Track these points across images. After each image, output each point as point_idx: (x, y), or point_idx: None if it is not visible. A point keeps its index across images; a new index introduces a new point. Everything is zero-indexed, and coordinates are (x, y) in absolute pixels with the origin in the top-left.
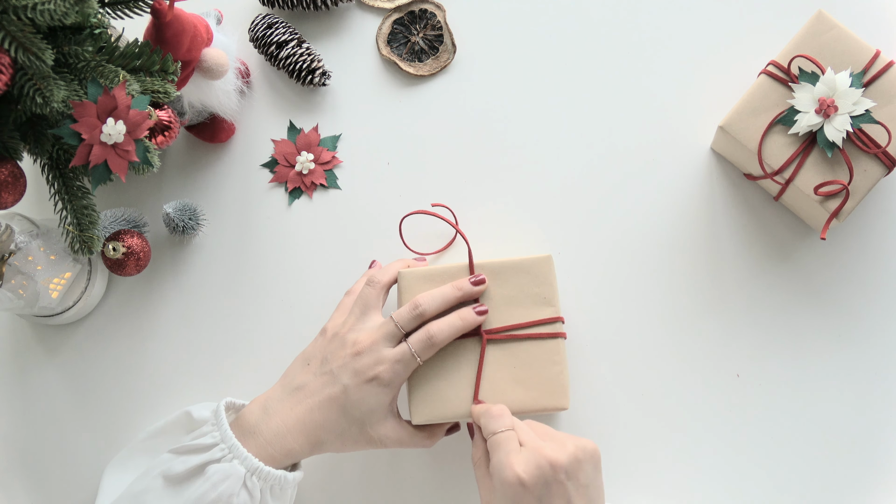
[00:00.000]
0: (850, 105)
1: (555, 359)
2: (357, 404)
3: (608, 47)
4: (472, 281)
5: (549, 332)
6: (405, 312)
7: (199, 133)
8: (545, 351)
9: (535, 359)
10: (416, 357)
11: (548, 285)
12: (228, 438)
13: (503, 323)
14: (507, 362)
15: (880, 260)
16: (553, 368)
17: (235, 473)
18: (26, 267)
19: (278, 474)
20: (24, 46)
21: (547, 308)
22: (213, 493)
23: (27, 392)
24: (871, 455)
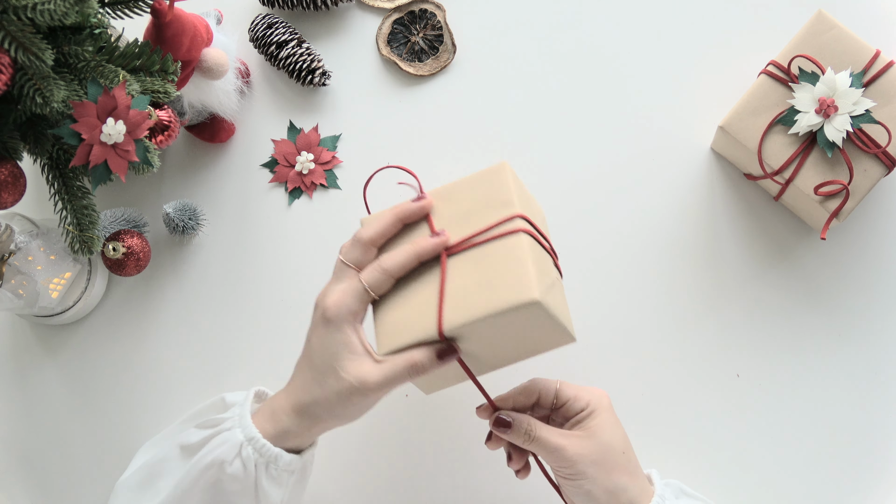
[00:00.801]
0: (850, 105)
1: (516, 254)
2: (320, 351)
3: (608, 47)
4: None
5: (509, 229)
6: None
7: (199, 133)
8: (506, 248)
9: (495, 259)
10: (367, 286)
11: (504, 190)
12: (243, 411)
13: (462, 236)
14: (469, 270)
15: (880, 260)
16: (513, 262)
17: (233, 440)
18: (26, 267)
19: (273, 451)
20: (24, 46)
21: (504, 209)
22: (209, 457)
23: (27, 392)
24: (871, 454)
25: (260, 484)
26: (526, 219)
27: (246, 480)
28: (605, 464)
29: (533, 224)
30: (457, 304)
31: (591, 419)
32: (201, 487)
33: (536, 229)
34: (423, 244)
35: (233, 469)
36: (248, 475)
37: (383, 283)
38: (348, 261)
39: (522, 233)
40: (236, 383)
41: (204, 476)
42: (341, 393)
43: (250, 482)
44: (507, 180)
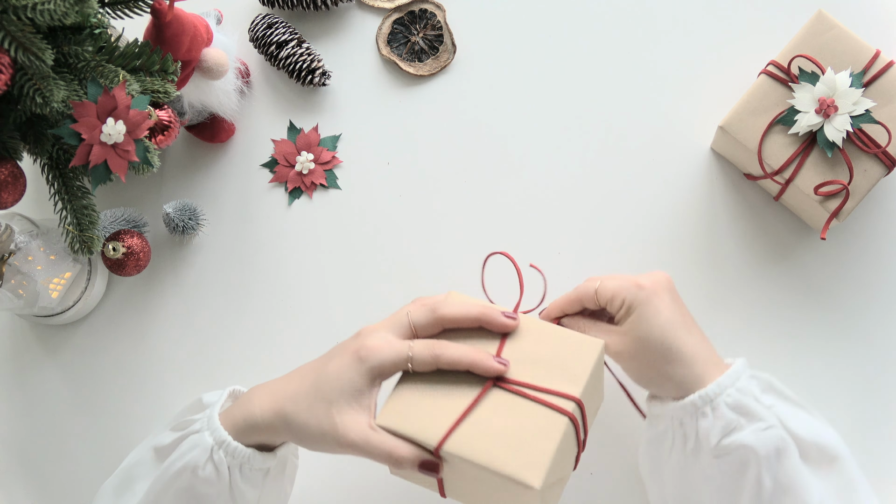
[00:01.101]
0: (850, 105)
1: (548, 433)
2: (331, 377)
3: (608, 47)
4: (503, 313)
5: (559, 405)
6: (421, 310)
7: (199, 133)
8: (543, 421)
9: (528, 423)
10: (410, 360)
11: (582, 366)
12: (212, 412)
13: (518, 377)
14: (500, 413)
15: (880, 260)
16: (541, 441)
17: (203, 444)
18: (26, 267)
19: (245, 451)
20: (24, 46)
21: (569, 384)
22: (179, 463)
23: (27, 392)
24: (871, 454)
25: (235, 485)
26: (581, 407)
27: (220, 483)
28: (643, 358)
29: (583, 414)
30: (468, 435)
31: (627, 315)
32: (174, 493)
33: (583, 420)
34: (483, 362)
35: (205, 473)
36: (222, 478)
37: (427, 366)
38: (413, 320)
39: (568, 418)
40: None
41: (176, 482)
42: (321, 427)
43: (224, 484)
44: (591, 360)
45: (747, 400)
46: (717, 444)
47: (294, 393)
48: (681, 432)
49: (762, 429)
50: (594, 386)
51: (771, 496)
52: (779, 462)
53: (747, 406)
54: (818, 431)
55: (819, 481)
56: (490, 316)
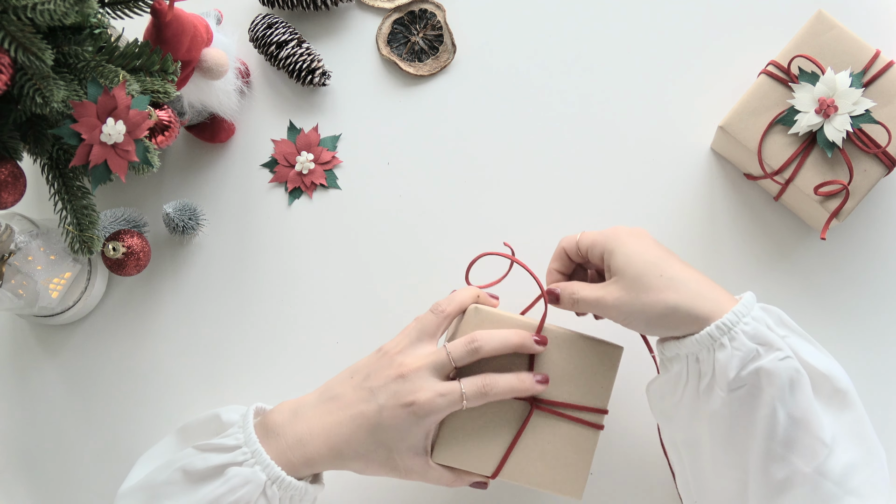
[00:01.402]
0: (850, 105)
1: (585, 447)
2: (388, 428)
3: (608, 48)
4: (535, 339)
5: (591, 420)
6: (460, 345)
7: (199, 133)
8: (580, 437)
9: (567, 442)
10: (464, 400)
11: (608, 376)
12: (252, 443)
13: (553, 396)
14: (542, 436)
15: (880, 260)
16: (579, 457)
17: (256, 480)
18: (26, 267)
19: (299, 485)
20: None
21: (598, 397)
22: (230, 497)
23: (27, 392)
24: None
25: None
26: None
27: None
28: (643, 296)
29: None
30: (518, 462)
31: (612, 260)
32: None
33: None
34: (528, 386)
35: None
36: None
37: (479, 404)
38: (454, 359)
39: (599, 430)
40: (236, 383)
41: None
42: (383, 467)
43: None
44: (614, 370)
45: (764, 329)
46: (736, 375)
47: (350, 439)
48: (696, 369)
49: (780, 358)
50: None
51: (785, 431)
52: (792, 395)
53: (765, 335)
54: (829, 366)
55: (830, 417)
56: (526, 346)
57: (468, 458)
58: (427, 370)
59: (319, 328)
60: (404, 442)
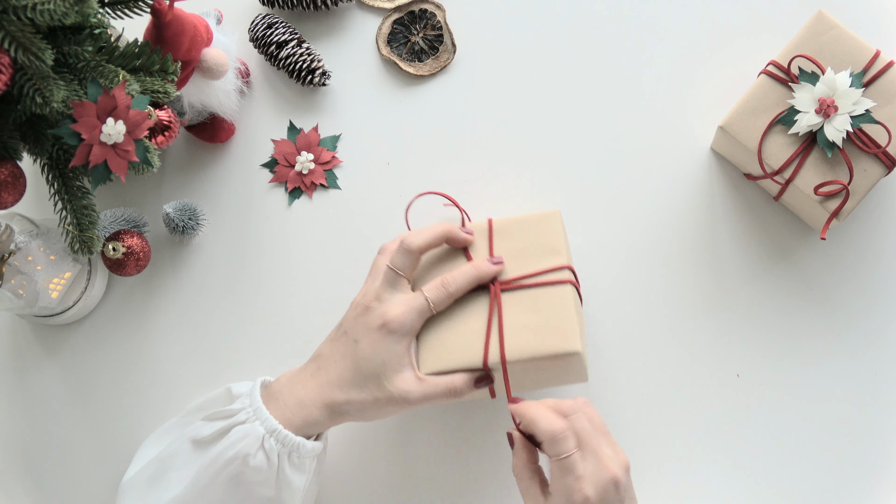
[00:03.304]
0: (850, 105)
1: (563, 303)
2: (369, 358)
3: (608, 47)
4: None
5: (557, 279)
6: (395, 253)
7: (199, 133)
8: (553, 297)
9: (543, 305)
10: (430, 305)
11: (556, 237)
12: (255, 402)
13: (512, 274)
14: (516, 310)
15: (880, 260)
16: (561, 313)
17: (254, 433)
18: (26, 267)
19: (296, 440)
20: (24, 46)
21: (555, 257)
22: (231, 451)
23: (27, 392)
24: (871, 454)
25: (283, 472)
26: (572, 270)
27: (269, 471)
28: None
29: (575, 275)
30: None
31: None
32: (223, 480)
33: (576, 278)
34: (484, 268)
35: (256, 461)
36: (272, 465)
37: (445, 303)
38: (396, 267)
39: (570, 284)
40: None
41: (226, 470)
42: (379, 400)
43: (273, 472)
44: (559, 229)
45: None
46: None
47: (338, 382)
48: None
49: None
50: (567, 245)
51: None
52: None
53: None
54: None
55: None
56: (453, 232)
57: (454, 357)
58: (384, 292)
59: (320, 328)
60: (389, 365)
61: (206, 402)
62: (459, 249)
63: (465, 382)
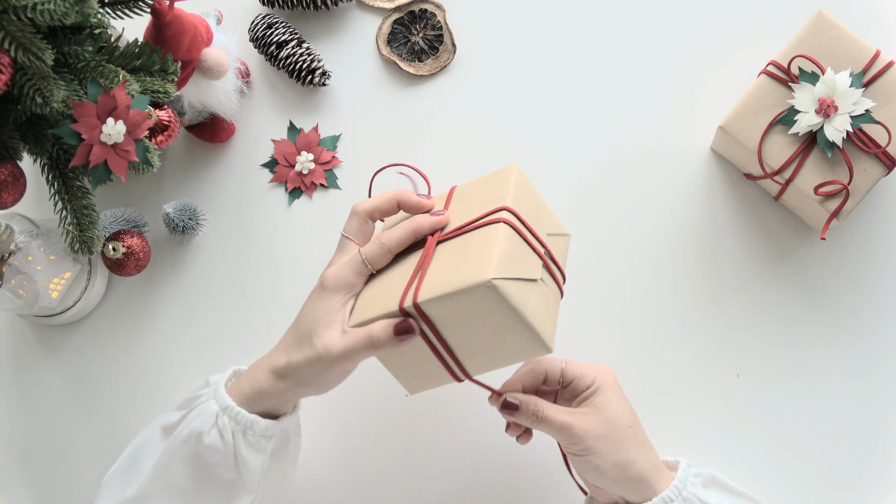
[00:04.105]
0: (850, 105)
1: (487, 240)
2: (305, 317)
3: (608, 48)
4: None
5: (491, 219)
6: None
7: (199, 133)
8: (483, 235)
9: (470, 246)
10: (364, 259)
11: (504, 187)
12: (217, 386)
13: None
14: (445, 255)
15: (880, 260)
16: (484, 249)
17: (208, 410)
18: (26, 267)
19: (249, 417)
20: (24, 46)
21: (496, 203)
22: (185, 430)
23: (27, 392)
24: (870, 454)
25: (239, 451)
26: (513, 212)
27: (225, 450)
28: (611, 438)
29: (521, 219)
30: (424, 284)
31: (596, 395)
32: (181, 460)
33: (525, 225)
34: (420, 221)
35: (210, 439)
36: (227, 444)
37: (381, 257)
38: (347, 233)
39: (502, 223)
40: None
41: (182, 449)
42: (310, 359)
43: (229, 451)
44: (510, 179)
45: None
46: None
47: (282, 346)
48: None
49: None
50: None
51: None
52: None
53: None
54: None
55: None
56: (404, 196)
57: (375, 306)
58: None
59: None
60: (321, 321)
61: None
62: None
63: (383, 330)
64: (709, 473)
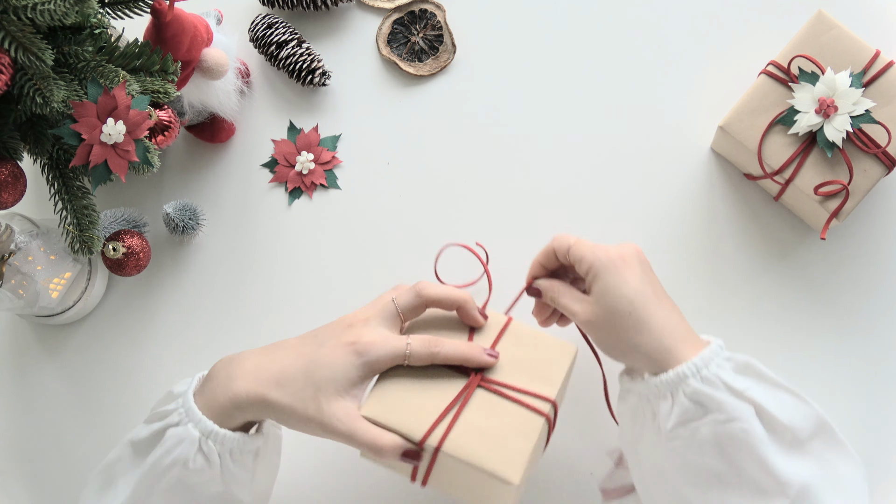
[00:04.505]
0: (850, 105)
1: (527, 432)
2: (323, 365)
3: (608, 48)
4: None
5: (536, 406)
6: (404, 292)
7: (199, 133)
8: (523, 420)
9: (507, 421)
10: (407, 354)
11: (559, 370)
12: (187, 401)
13: (499, 377)
14: (481, 411)
15: (880, 260)
16: (520, 441)
17: (189, 437)
18: (26, 267)
19: (235, 437)
20: (24, 46)
21: (546, 386)
22: (167, 459)
23: (27, 392)
24: (870, 454)
25: (227, 469)
26: (555, 407)
27: (211, 471)
28: (609, 327)
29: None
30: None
31: (595, 283)
32: (164, 488)
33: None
34: (476, 353)
35: (196, 465)
36: (213, 466)
37: (423, 361)
38: (399, 305)
39: (544, 418)
40: None
41: (165, 476)
42: (307, 412)
43: (216, 471)
44: (566, 366)
45: (709, 390)
46: (672, 429)
47: (280, 375)
48: (649, 408)
49: (721, 421)
50: (565, 386)
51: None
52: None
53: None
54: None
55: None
56: (468, 306)
57: (398, 417)
58: (376, 319)
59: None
60: (336, 382)
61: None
62: (465, 326)
63: (392, 446)
64: (744, 359)
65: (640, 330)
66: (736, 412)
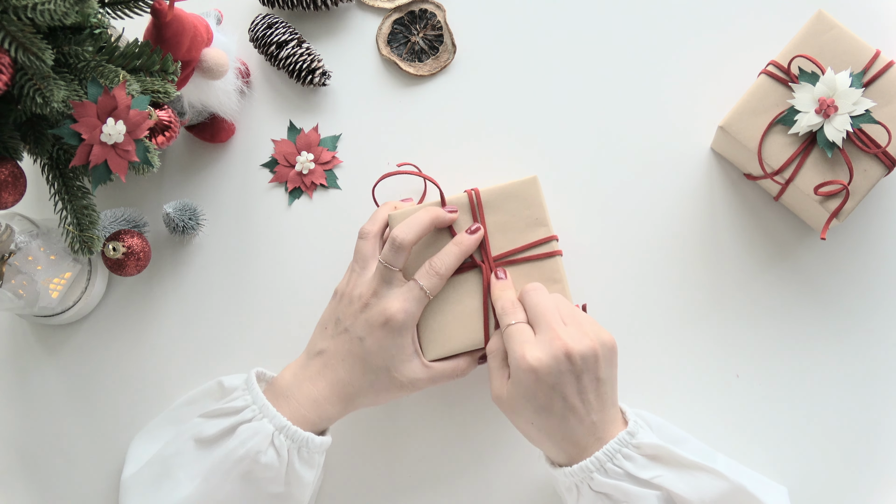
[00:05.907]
0: (850, 105)
1: (554, 276)
2: (376, 353)
3: (608, 47)
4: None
5: (546, 251)
6: (387, 250)
7: (199, 133)
8: (544, 271)
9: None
10: (426, 292)
11: (537, 206)
12: (259, 400)
13: (500, 249)
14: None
15: (880, 260)
16: (554, 286)
17: (264, 431)
18: (26, 267)
19: (305, 435)
20: (24, 46)
21: (540, 228)
22: (241, 450)
23: (27, 392)
24: (870, 454)
25: (292, 467)
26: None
27: (279, 467)
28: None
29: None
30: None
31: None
32: (233, 479)
33: None
34: (467, 243)
35: (267, 458)
36: (282, 461)
37: (439, 286)
38: (390, 263)
39: (559, 256)
40: None
41: (236, 468)
42: (391, 389)
43: (283, 468)
44: (540, 197)
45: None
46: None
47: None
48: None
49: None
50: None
51: None
52: None
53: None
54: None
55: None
56: (439, 217)
57: (456, 341)
58: (381, 287)
59: None
60: (396, 357)
61: (196, 396)
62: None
63: (468, 364)
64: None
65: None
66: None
